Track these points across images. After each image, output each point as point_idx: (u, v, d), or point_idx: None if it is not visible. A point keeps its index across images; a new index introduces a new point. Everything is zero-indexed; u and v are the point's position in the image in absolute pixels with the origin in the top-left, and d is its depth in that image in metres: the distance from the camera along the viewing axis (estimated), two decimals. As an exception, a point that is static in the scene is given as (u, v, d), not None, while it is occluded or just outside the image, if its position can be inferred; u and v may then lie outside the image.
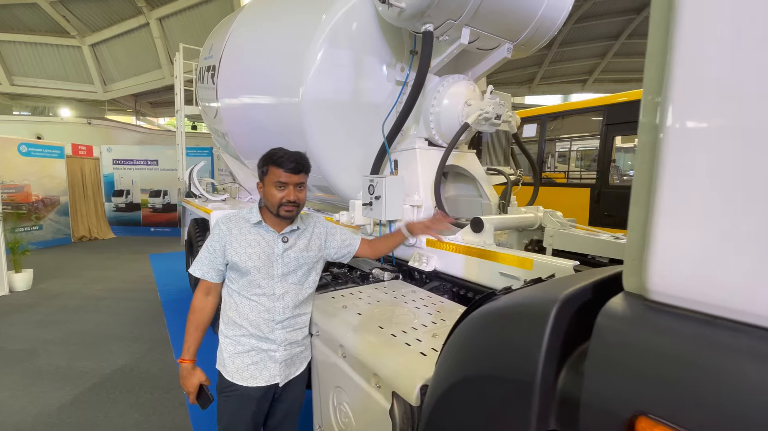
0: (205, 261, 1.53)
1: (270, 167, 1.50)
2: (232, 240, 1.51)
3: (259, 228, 1.55)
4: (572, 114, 6.35)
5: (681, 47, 0.52)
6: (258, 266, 1.50)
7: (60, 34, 15.24)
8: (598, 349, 0.57)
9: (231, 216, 1.57)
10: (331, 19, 2.53)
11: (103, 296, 5.31)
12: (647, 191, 0.59)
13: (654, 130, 0.58)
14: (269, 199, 1.51)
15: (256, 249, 1.51)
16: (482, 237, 1.97)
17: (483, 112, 2.31)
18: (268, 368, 1.53)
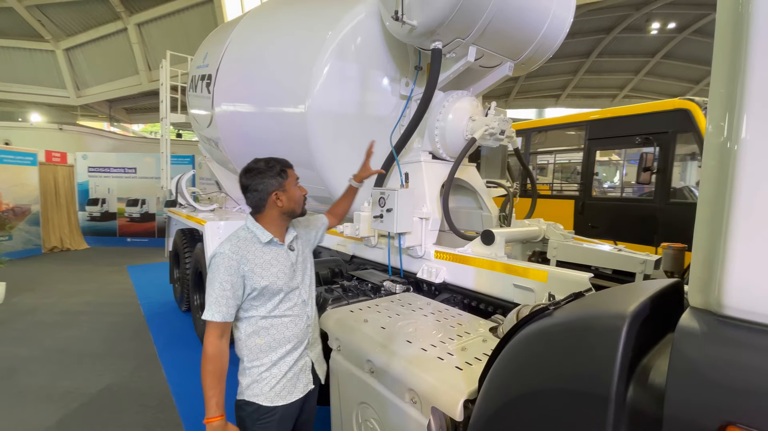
0: (223, 301, 1.37)
1: (288, 170, 1.54)
2: (253, 267, 1.41)
3: (271, 247, 1.49)
4: (556, 128, 6.58)
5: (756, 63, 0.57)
6: (287, 282, 1.49)
7: (34, 39, 14.68)
8: (679, 365, 0.60)
9: (235, 245, 1.43)
10: (338, 33, 2.56)
11: (81, 310, 5.05)
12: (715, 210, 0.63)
13: (723, 146, 0.62)
14: (297, 200, 1.53)
15: (278, 267, 1.47)
16: (493, 250, 2.01)
17: (489, 127, 2.37)
18: (305, 375, 1.52)
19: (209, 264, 1.42)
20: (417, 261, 2.36)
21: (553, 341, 0.80)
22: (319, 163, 2.78)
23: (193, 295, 4.19)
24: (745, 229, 0.58)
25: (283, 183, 1.50)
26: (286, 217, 1.54)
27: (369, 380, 1.41)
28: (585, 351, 0.73)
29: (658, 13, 14.93)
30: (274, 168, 1.50)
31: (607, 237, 4.98)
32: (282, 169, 1.51)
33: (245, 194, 1.52)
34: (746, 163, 0.59)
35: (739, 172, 0.59)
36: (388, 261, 2.47)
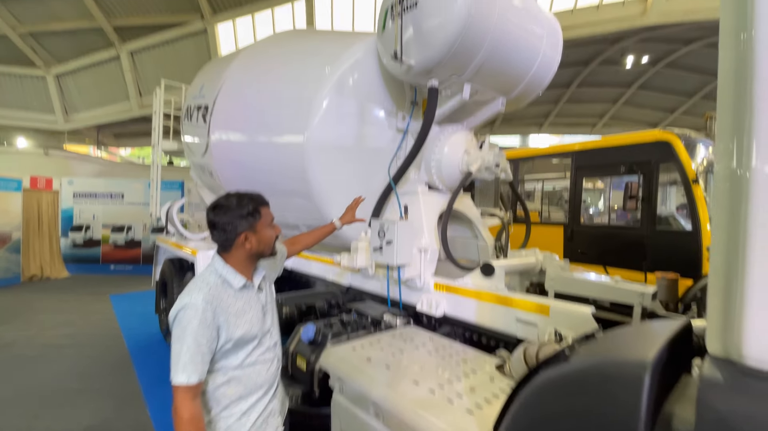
0: (198, 359, 1.23)
1: (262, 209, 1.43)
2: (227, 317, 1.30)
3: (245, 292, 1.39)
4: (544, 157, 6.78)
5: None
6: (260, 327, 1.40)
7: (25, 65, 14.69)
8: (706, 417, 0.61)
9: (207, 293, 1.30)
10: (337, 69, 2.64)
11: (61, 343, 4.82)
12: (729, 250, 0.65)
13: (734, 174, 0.64)
14: (267, 241, 1.43)
15: (251, 313, 1.38)
16: (493, 282, 2.02)
17: (484, 161, 2.43)
18: (274, 419, 1.45)
19: (176, 317, 1.27)
20: (416, 293, 2.34)
21: (574, 391, 0.80)
22: (317, 193, 2.80)
23: (182, 327, 4.04)
24: (764, 274, 0.61)
25: (255, 224, 1.39)
26: (254, 258, 1.44)
27: (375, 423, 1.37)
28: (608, 401, 0.73)
29: (632, 48, 15.83)
30: (246, 207, 1.37)
31: (597, 263, 5.05)
32: (255, 208, 1.39)
33: (211, 231, 1.41)
34: (760, 194, 0.61)
35: (753, 207, 0.62)
36: (387, 294, 2.45)
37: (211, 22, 12.83)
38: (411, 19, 2.20)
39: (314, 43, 3.21)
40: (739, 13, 0.63)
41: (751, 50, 0.62)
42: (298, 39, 3.33)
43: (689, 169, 4.32)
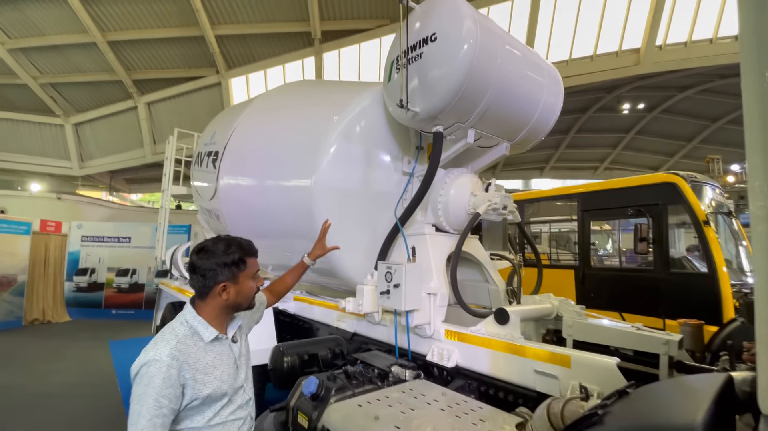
0: (158, 421, 1.12)
1: (249, 259, 1.34)
2: (194, 374, 1.19)
3: (216, 344, 1.29)
4: (549, 200, 6.79)
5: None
6: (231, 384, 1.28)
7: (45, 113, 15.45)
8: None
9: (174, 348, 1.20)
10: (345, 117, 2.72)
11: (53, 392, 4.61)
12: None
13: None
14: (246, 294, 1.34)
15: (222, 368, 1.27)
16: (508, 330, 1.92)
17: (491, 202, 2.42)
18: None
19: (138, 372, 1.17)
20: (426, 341, 2.23)
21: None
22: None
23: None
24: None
25: (237, 274, 1.31)
26: (229, 310, 1.35)
27: (385, 491, 1.23)
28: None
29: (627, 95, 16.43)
30: (231, 255, 1.30)
31: (611, 308, 4.87)
32: (241, 258, 1.31)
33: (191, 275, 1.32)
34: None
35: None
36: (395, 342, 2.33)
37: (226, 76, 13.60)
38: (416, 70, 2.29)
39: (323, 92, 3.35)
40: (761, 54, 0.62)
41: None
42: (308, 88, 3.48)
43: (699, 211, 4.28)
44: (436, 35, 2.17)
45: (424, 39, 2.23)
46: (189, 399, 1.19)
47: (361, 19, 12.40)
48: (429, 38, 2.19)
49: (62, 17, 11.55)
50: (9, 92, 14.51)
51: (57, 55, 13.10)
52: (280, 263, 3.56)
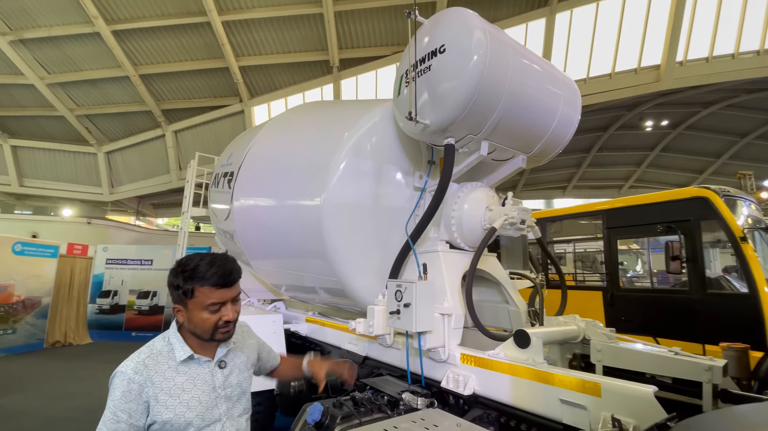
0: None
1: (198, 289, 1.15)
2: (157, 392, 1.11)
3: (189, 365, 1.18)
4: (571, 218, 6.54)
5: None
6: (201, 413, 1.15)
7: (79, 143, 16.33)
8: None
9: (144, 361, 1.14)
10: (354, 134, 2.69)
11: (66, 416, 4.59)
12: None
13: None
14: (199, 325, 1.17)
15: (192, 393, 1.15)
16: (530, 354, 1.75)
17: (508, 217, 2.30)
18: None
19: (110, 383, 1.14)
20: (440, 366, 2.08)
21: None
22: (332, 253, 2.69)
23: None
24: None
25: (185, 301, 1.17)
26: (196, 335, 1.21)
27: None
28: None
29: (650, 112, 16.05)
30: (178, 279, 1.17)
31: (643, 332, 4.53)
32: (187, 284, 1.15)
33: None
34: None
35: None
36: (406, 367, 2.19)
37: (248, 104, 14.16)
38: (425, 82, 2.25)
39: (334, 110, 3.36)
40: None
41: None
42: (321, 108, 3.51)
43: (735, 226, 3.99)
44: (445, 47, 2.13)
45: (432, 51, 2.19)
46: (149, 420, 1.10)
47: (377, 47, 12.78)
48: (438, 50, 2.16)
49: (98, 53, 12.37)
50: (46, 123, 15.48)
51: (92, 88, 13.97)
52: (293, 283, 3.50)
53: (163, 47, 12.58)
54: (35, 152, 16.60)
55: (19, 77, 13.07)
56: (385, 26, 12.19)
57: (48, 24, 11.79)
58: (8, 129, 15.84)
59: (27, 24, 11.74)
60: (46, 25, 11.80)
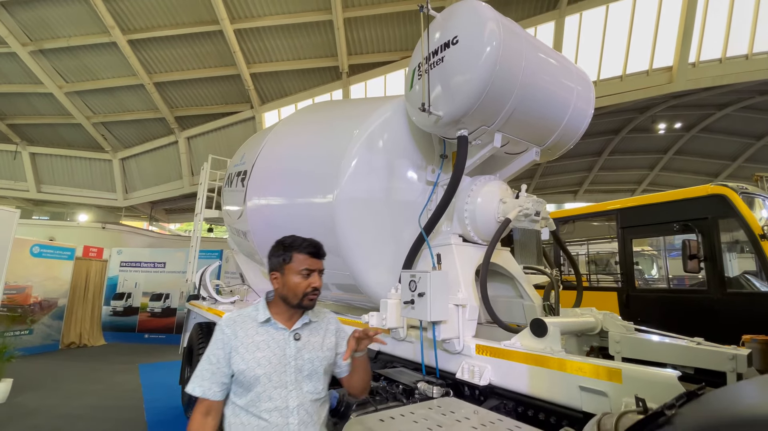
0: (207, 374, 1.30)
1: (294, 255, 1.40)
2: (238, 345, 1.31)
3: (267, 327, 1.37)
4: (585, 218, 6.45)
5: None
6: (269, 373, 1.30)
7: (95, 150, 16.70)
8: None
9: (235, 317, 1.38)
10: (366, 130, 2.71)
11: (81, 414, 4.65)
12: None
13: None
14: (293, 288, 1.38)
15: (265, 353, 1.32)
16: (547, 343, 1.73)
17: (523, 208, 2.28)
18: None
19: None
20: (455, 358, 2.06)
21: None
22: (345, 248, 2.70)
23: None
24: None
25: (283, 266, 1.40)
26: (285, 302, 1.40)
27: None
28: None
29: (662, 115, 15.82)
30: (281, 246, 1.44)
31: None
32: (287, 251, 1.41)
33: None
34: None
35: None
36: (421, 358, 2.17)
37: (259, 111, 14.37)
38: (438, 74, 2.26)
39: (346, 108, 3.39)
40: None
41: None
42: (332, 106, 3.54)
43: (754, 224, 3.90)
44: (458, 38, 2.14)
45: (445, 43, 2.21)
46: (232, 369, 1.30)
47: (386, 52, 12.89)
48: (450, 41, 2.17)
49: (115, 62, 12.70)
50: (64, 131, 15.87)
51: (108, 96, 14.31)
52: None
53: (176, 56, 12.86)
54: (53, 159, 17.01)
55: (38, 86, 13.46)
56: (393, 32, 12.30)
57: (67, 35, 12.14)
58: (27, 136, 16.28)
59: (47, 35, 12.11)
60: (64, 35, 12.15)
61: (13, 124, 15.49)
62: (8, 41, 11.83)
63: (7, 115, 15.26)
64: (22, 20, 11.60)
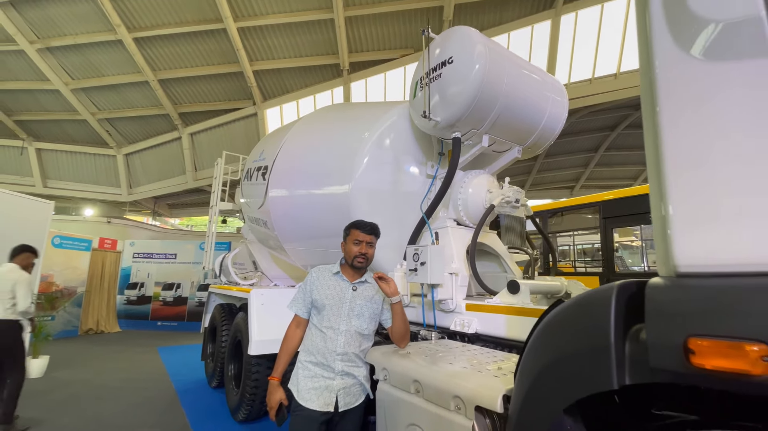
0: (299, 299, 2.02)
1: (352, 230, 2.05)
2: (318, 284, 1.99)
3: (336, 277, 2.02)
4: (570, 210, 6.99)
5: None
6: (331, 304, 1.93)
7: (100, 145, 17.02)
8: (651, 306, 0.88)
9: (320, 268, 2.09)
10: (376, 131, 3.21)
11: (115, 386, 5.16)
12: (659, 215, 0.96)
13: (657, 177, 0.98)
14: (348, 253, 2.03)
15: (331, 292, 1.97)
16: (520, 298, 2.24)
17: (505, 196, 2.79)
18: (324, 396, 1.83)
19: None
20: (449, 316, 2.58)
21: (566, 317, 1.07)
22: (359, 232, 3.20)
23: (228, 365, 4.31)
24: (679, 225, 0.91)
25: (346, 237, 2.07)
26: (348, 263, 2.02)
27: (415, 400, 1.59)
28: (590, 316, 1.00)
29: (655, 111, 16.19)
30: (348, 226, 2.08)
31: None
32: (349, 228, 2.08)
33: None
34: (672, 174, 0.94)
35: (668, 180, 0.94)
36: (422, 317, 2.69)
37: (261, 107, 14.69)
38: (437, 87, 2.75)
39: (358, 111, 3.88)
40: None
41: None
42: (346, 109, 4.03)
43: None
44: (453, 58, 2.64)
45: (442, 62, 2.70)
46: (312, 298, 1.98)
47: (386, 50, 13.24)
48: (447, 61, 2.67)
49: (120, 60, 13.00)
50: (69, 127, 16.15)
51: (113, 93, 14.61)
52: (321, 261, 4.01)
53: (181, 53, 13.16)
54: (58, 155, 17.28)
55: (45, 83, 13.73)
56: (393, 30, 12.64)
57: (73, 32, 12.42)
58: (33, 132, 16.56)
59: (53, 33, 12.38)
60: (71, 33, 12.42)
61: (20, 120, 15.76)
62: (16, 39, 12.11)
63: (14, 112, 15.56)
64: (30, 18, 11.88)
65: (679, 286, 0.88)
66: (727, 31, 0.87)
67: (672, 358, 0.82)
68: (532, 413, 1.07)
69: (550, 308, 1.18)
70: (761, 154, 0.80)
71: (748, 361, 0.72)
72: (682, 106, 0.93)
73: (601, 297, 0.99)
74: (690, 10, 0.93)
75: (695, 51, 0.92)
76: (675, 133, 0.94)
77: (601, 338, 0.94)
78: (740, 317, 0.75)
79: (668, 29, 0.97)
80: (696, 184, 0.89)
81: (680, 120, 0.93)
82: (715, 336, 0.77)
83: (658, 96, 0.97)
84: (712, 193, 0.86)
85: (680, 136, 0.93)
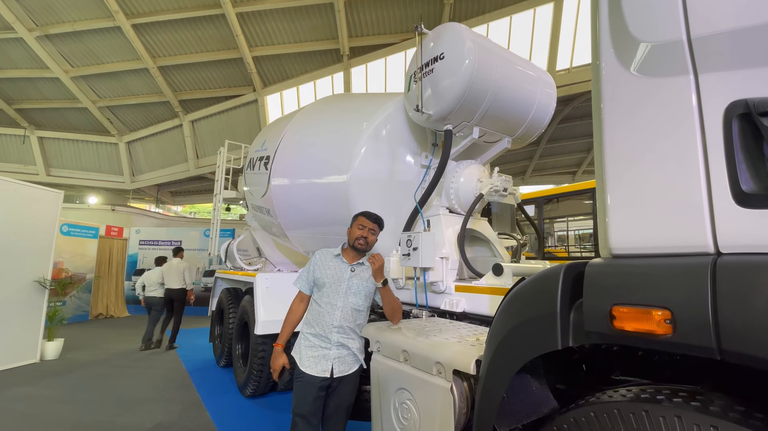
0: (303, 277, 2.30)
1: (359, 217, 2.34)
2: (320, 264, 2.25)
3: (337, 259, 2.28)
4: (565, 196, 7.14)
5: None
6: (330, 283, 2.19)
7: (101, 133, 17.12)
8: (589, 281, 1.07)
9: (323, 250, 2.36)
10: (372, 123, 3.36)
11: (129, 365, 5.45)
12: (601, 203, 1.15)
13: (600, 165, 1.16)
14: (351, 235, 2.29)
15: (331, 272, 2.22)
16: (503, 280, 2.45)
17: (493, 185, 2.96)
18: (321, 364, 2.10)
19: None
20: (440, 297, 2.79)
21: (524, 291, 1.26)
22: (356, 219, 3.39)
23: (236, 345, 4.57)
24: (614, 214, 1.10)
25: (353, 223, 2.34)
26: (350, 246, 2.28)
27: (404, 368, 1.80)
28: (542, 290, 1.19)
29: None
30: (355, 215, 2.37)
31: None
32: (356, 216, 2.36)
33: None
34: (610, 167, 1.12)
35: (607, 175, 1.13)
36: (415, 298, 2.90)
37: (262, 94, 14.70)
38: (429, 81, 2.89)
39: (356, 103, 4.02)
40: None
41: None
42: (344, 101, 4.17)
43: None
44: (444, 54, 2.77)
45: (434, 57, 2.84)
46: (313, 276, 2.25)
47: (386, 35, 13.17)
48: (438, 57, 2.80)
49: (119, 47, 12.98)
50: (70, 115, 16.22)
51: (113, 80, 14.63)
52: (323, 247, 4.21)
53: (180, 39, 13.12)
54: (60, 143, 17.40)
55: (44, 71, 13.75)
56: (393, 14, 12.55)
57: (72, 19, 12.39)
58: (35, 121, 16.65)
59: (52, 20, 12.36)
60: (69, 20, 12.39)
61: (21, 108, 15.83)
62: (15, 26, 12.10)
63: (14, 100, 15.62)
64: (28, 6, 11.85)
65: (610, 265, 1.07)
66: (656, 52, 1.04)
67: (601, 323, 1.01)
68: (496, 373, 1.28)
69: (515, 285, 1.38)
70: (670, 158, 0.98)
71: (654, 323, 0.92)
72: (620, 113, 1.11)
73: (552, 274, 1.18)
74: (629, 32, 1.09)
75: (632, 67, 1.09)
76: (613, 136, 1.12)
77: (549, 307, 1.14)
78: (650, 289, 0.94)
79: (612, 47, 1.14)
80: (627, 180, 1.08)
81: (618, 125, 1.11)
82: (631, 304, 0.96)
83: (603, 103, 1.14)
84: (639, 188, 1.05)
85: (617, 139, 1.11)
